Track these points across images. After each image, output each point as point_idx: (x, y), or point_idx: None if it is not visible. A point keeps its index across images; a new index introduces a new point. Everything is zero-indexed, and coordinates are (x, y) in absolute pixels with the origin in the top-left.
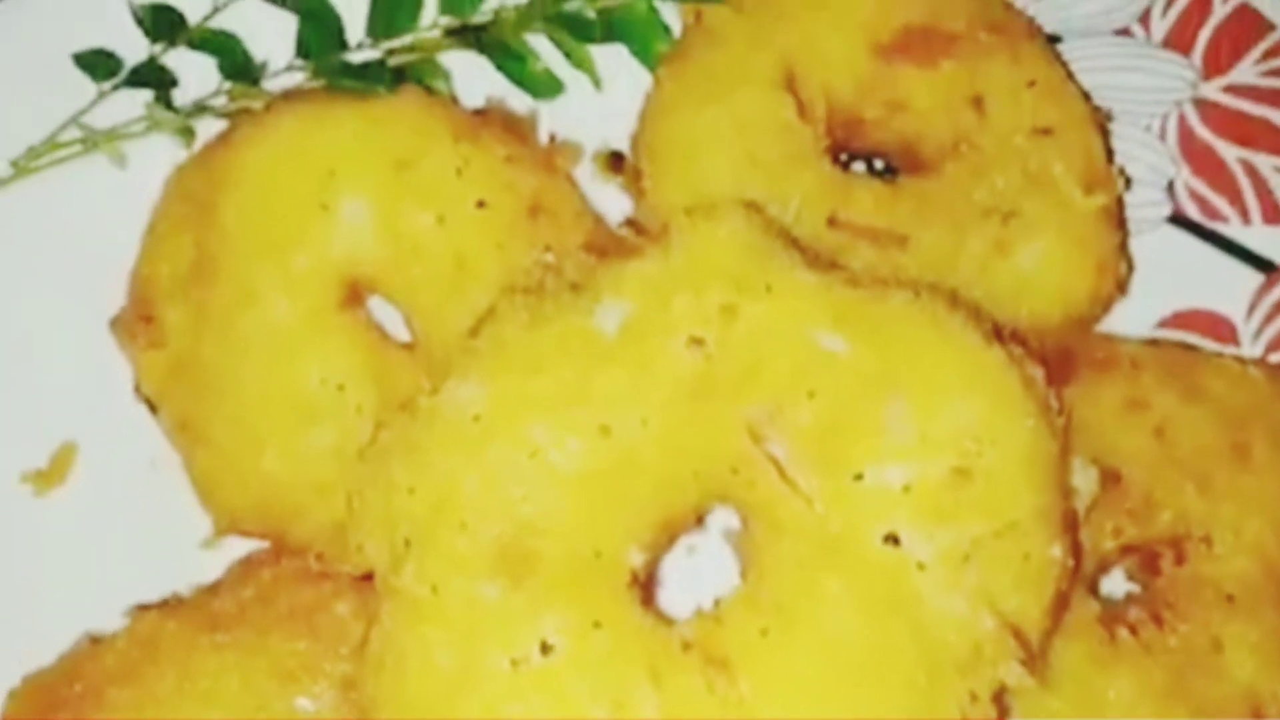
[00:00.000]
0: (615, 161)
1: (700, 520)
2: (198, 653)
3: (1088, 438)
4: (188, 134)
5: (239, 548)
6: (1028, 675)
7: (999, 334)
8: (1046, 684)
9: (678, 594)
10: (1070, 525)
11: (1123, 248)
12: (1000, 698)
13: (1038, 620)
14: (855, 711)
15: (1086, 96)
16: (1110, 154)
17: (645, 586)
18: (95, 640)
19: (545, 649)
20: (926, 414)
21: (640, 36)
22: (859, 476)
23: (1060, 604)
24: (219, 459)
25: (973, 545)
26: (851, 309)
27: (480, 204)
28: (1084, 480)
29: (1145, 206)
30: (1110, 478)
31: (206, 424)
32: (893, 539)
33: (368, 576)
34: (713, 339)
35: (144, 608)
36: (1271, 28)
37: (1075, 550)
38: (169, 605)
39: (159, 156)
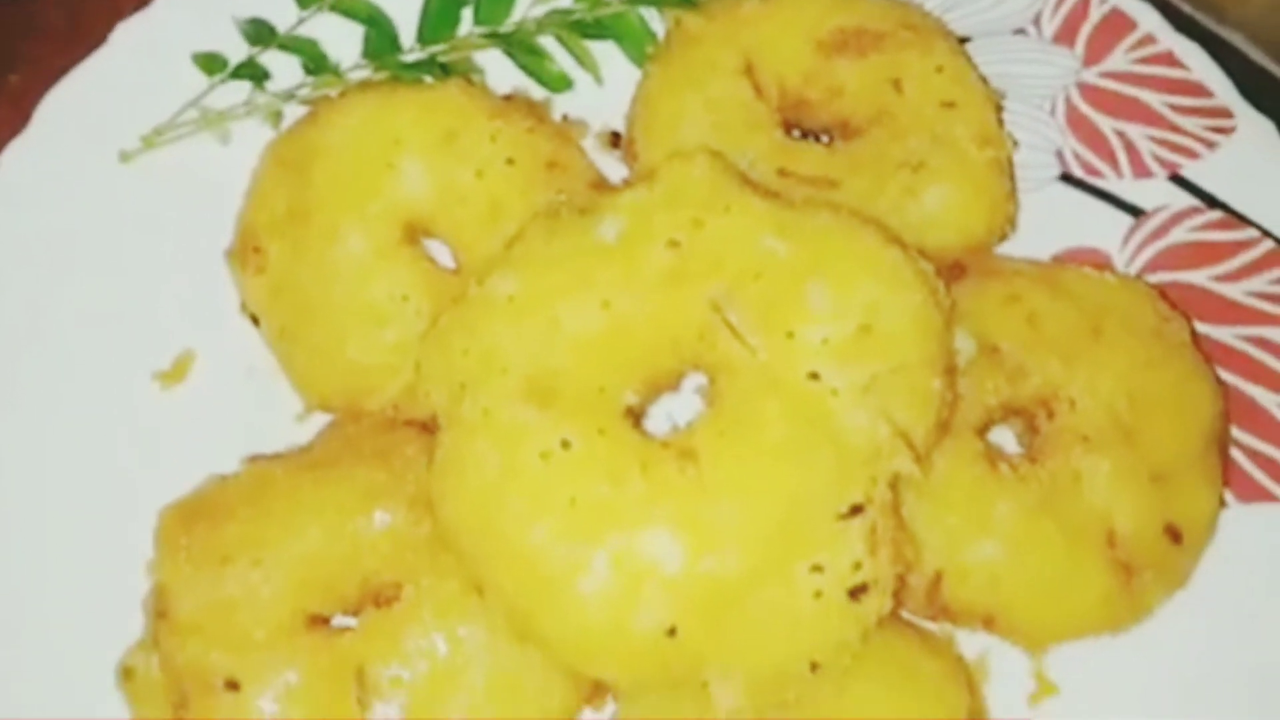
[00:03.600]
0: (614, 138)
1: (678, 383)
2: (301, 483)
3: (972, 321)
4: (276, 117)
5: (323, 421)
6: (915, 469)
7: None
8: (945, 505)
9: (660, 427)
10: (950, 371)
11: (1011, 192)
12: (895, 486)
13: (922, 432)
14: (787, 486)
15: (985, 80)
16: (1001, 121)
17: (636, 417)
18: (222, 478)
19: (565, 445)
20: (841, 291)
21: (632, 40)
22: (791, 334)
23: (941, 425)
24: (310, 354)
25: (873, 378)
26: (789, 221)
27: (509, 161)
28: (964, 344)
29: (1039, 168)
30: (990, 350)
31: (300, 329)
32: (815, 375)
33: (428, 427)
34: (685, 241)
35: (256, 457)
36: (1136, 25)
37: (954, 388)
38: (275, 456)
39: (253, 136)
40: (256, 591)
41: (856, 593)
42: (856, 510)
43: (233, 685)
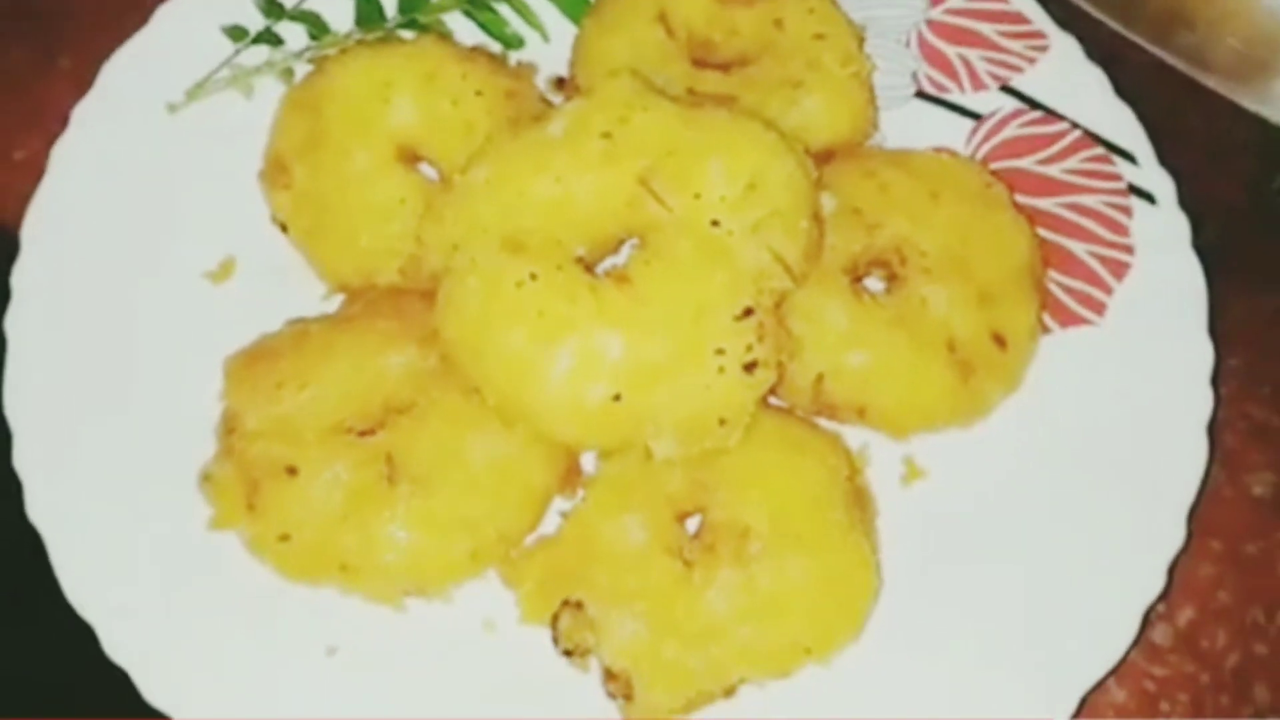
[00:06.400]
0: (560, 82)
1: (618, 247)
2: (333, 332)
3: (838, 190)
4: (289, 74)
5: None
6: (790, 284)
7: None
8: (824, 325)
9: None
10: (817, 217)
11: (871, 100)
12: (780, 304)
13: (795, 258)
14: (697, 297)
15: (849, 19)
16: (862, 49)
17: (587, 266)
18: (271, 334)
19: (533, 277)
20: (733, 162)
21: (570, 1)
22: (697, 195)
23: (811, 255)
24: (330, 247)
25: (758, 221)
26: (693, 116)
27: (478, 92)
28: (828, 201)
29: (898, 89)
30: (853, 211)
31: (321, 229)
32: (716, 222)
33: (425, 292)
34: (615, 132)
35: (295, 320)
36: None
37: (820, 230)
38: (311, 319)
39: (270, 90)
40: (305, 408)
41: (750, 368)
42: (748, 312)
43: (292, 471)
